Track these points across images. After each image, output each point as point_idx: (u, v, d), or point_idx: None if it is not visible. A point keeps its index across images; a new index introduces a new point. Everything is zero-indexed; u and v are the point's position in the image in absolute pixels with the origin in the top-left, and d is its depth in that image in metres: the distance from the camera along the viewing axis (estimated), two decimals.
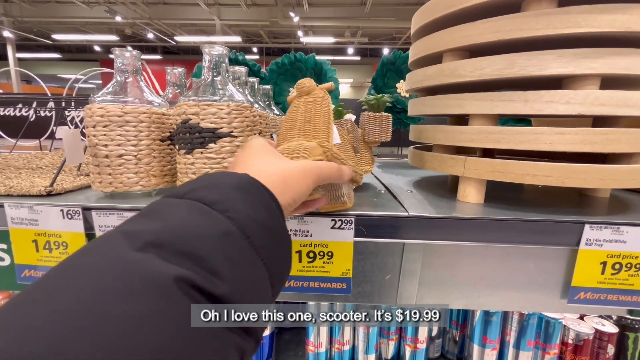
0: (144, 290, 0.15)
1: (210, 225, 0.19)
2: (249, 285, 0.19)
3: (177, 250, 0.17)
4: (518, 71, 0.40)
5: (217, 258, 0.18)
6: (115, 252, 0.17)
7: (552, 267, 0.43)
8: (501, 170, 0.43)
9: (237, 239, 0.19)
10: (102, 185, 0.45)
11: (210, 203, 0.20)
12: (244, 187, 0.22)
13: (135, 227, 0.18)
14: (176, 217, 0.19)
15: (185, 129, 0.42)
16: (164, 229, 0.18)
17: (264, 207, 0.22)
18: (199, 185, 0.22)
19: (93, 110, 0.43)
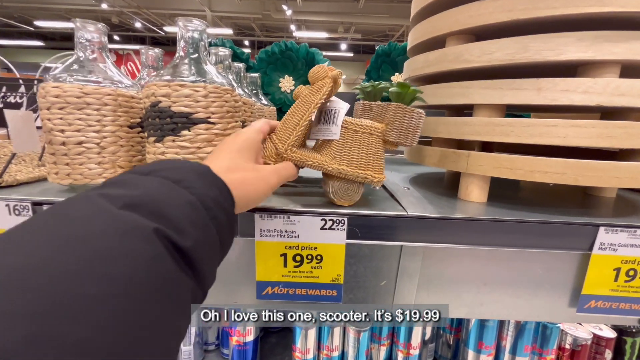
0: (131, 234, 0.19)
1: (177, 196, 0.23)
2: (205, 245, 0.24)
3: (153, 212, 0.21)
4: (532, 56, 0.36)
5: (183, 220, 0.22)
6: (99, 207, 0.20)
7: (560, 273, 0.39)
8: (509, 166, 0.39)
9: (198, 209, 0.24)
10: (59, 177, 0.39)
11: (175, 181, 0.24)
12: (202, 173, 0.27)
13: (113, 192, 0.21)
14: (148, 188, 0.23)
15: (154, 113, 0.37)
16: (140, 195, 0.22)
17: (218, 189, 0.27)
18: (161, 167, 0.25)
19: (47, 89, 0.38)
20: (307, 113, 0.36)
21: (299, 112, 0.37)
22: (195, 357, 0.73)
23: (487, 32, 0.41)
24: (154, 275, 0.19)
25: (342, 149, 0.37)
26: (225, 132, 0.38)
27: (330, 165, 0.37)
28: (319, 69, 0.37)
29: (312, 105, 0.36)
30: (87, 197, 0.21)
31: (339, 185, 0.38)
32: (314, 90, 0.37)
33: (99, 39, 0.42)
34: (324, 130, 0.38)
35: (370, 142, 0.37)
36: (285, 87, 1.05)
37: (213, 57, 0.54)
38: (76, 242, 0.17)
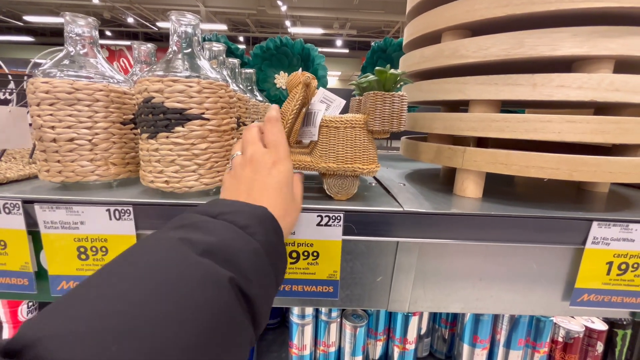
0: (211, 282, 0.21)
1: (245, 243, 0.25)
2: (266, 291, 0.26)
3: (227, 260, 0.23)
4: (527, 51, 0.36)
5: (251, 269, 0.24)
6: (179, 253, 0.22)
7: (554, 267, 0.40)
8: (504, 162, 0.39)
9: (262, 256, 0.26)
10: (50, 175, 0.39)
11: (242, 227, 0.26)
12: (262, 218, 0.28)
13: (191, 236, 0.23)
14: (221, 234, 0.24)
15: (147, 109, 0.36)
16: (217, 242, 0.23)
17: (275, 234, 0.28)
18: (228, 210, 0.27)
19: (36, 85, 0.37)
20: (286, 122, 0.38)
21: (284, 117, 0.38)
22: None
23: (483, 28, 0.41)
24: (227, 321, 0.21)
25: (327, 147, 0.38)
26: (219, 128, 0.38)
27: (317, 164, 0.38)
28: (293, 76, 0.38)
29: (288, 113, 0.38)
30: (168, 240, 0.23)
31: (333, 182, 0.39)
32: (290, 98, 0.38)
33: (90, 33, 0.41)
34: (306, 132, 0.39)
35: (354, 136, 0.38)
36: (281, 83, 1.04)
37: (207, 52, 0.53)
38: (165, 289, 0.19)
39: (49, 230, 0.36)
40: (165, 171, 0.36)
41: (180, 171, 0.36)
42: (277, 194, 0.31)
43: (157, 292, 0.19)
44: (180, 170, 0.36)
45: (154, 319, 0.17)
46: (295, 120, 0.41)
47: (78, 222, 0.36)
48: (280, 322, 0.82)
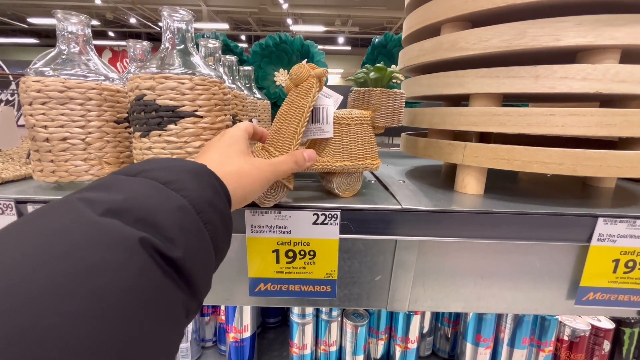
0: (112, 245, 0.17)
1: (166, 200, 0.21)
2: (197, 253, 0.22)
3: (138, 218, 0.19)
4: (529, 42, 0.35)
5: (172, 227, 0.20)
6: (78, 214, 0.18)
7: (558, 265, 0.39)
8: (506, 157, 0.38)
9: (189, 213, 0.22)
10: (44, 174, 0.38)
11: (165, 182, 0.22)
12: (196, 172, 0.25)
13: (95, 196, 0.20)
14: (134, 191, 0.21)
15: (139, 107, 0.35)
16: (124, 200, 0.20)
17: (212, 189, 0.25)
18: (152, 166, 0.24)
19: (28, 84, 0.36)
20: (302, 119, 0.34)
21: (293, 120, 0.35)
22: (192, 354, 0.73)
23: (484, 19, 0.39)
24: (141, 290, 0.17)
25: (340, 145, 0.38)
26: (213, 125, 0.37)
27: (333, 164, 0.38)
28: (301, 69, 0.34)
29: (304, 110, 0.34)
30: (67, 202, 0.19)
31: (342, 180, 0.39)
32: (302, 93, 0.35)
33: (83, 31, 0.40)
34: (316, 129, 0.38)
35: (363, 132, 0.39)
36: (280, 81, 1.03)
37: (203, 49, 0.52)
38: (54, 257, 0.16)
39: None
40: None
41: None
42: (219, 150, 0.29)
43: (43, 262, 0.15)
44: None
45: (36, 291, 0.14)
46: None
47: None
48: (281, 320, 0.82)
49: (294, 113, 0.35)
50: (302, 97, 0.35)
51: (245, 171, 0.29)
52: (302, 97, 0.35)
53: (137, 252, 0.18)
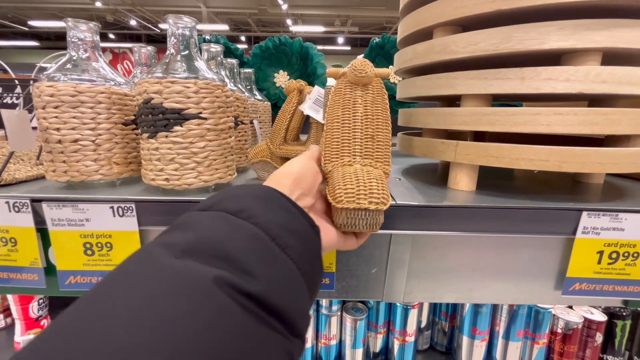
0: (189, 291, 0.16)
1: (237, 230, 0.20)
2: (282, 282, 0.20)
3: (211, 254, 0.19)
4: (515, 45, 0.37)
5: (248, 258, 0.19)
6: (156, 263, 0.18)
7: (546, 257, 0.41)
8: (495, 154, 0.40)
9: (263, 241, 0.21)
10: (56, 175, 0.40)
11: (234, 212, 0.22)
12: (262, 196, 0.24)
13: (171, 239, 0.20)
14: (206, 227, 0.20)
15: (147, 110, 0.37)
16: (197, 237, 0.20)
17: (283, 210, 0.23)
18: (222, 197, 0.24)
19: (41, 89, 0.38)
20: (284, 120, 0.46)
21: (280, 120, 0.47)
22: None
23: (473, 23, 0.41)
24: (221, 335, 0.16)
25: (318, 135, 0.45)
26: (217, 127, 0.39)
27: None
28: (290, 83, 0.47)
29: (286, 113, 0.46)
30: (149, 251, 0.19)
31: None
32: (287, 101, 0.47)
33: (92, 38, 0.42)
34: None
35: None
36: (280, 82, 1.05)
37: (205, 53, 0.54)
38: (136, 313, 0.15)
39: (56, 228, 0.38)
40: (165, 169, 0.38)
41: (180, 169, 0.38)
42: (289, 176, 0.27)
43: (127, 318, 0.15)
44: (179, 168, 0.38)
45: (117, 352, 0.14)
46: (291, 119, 0.46)
47: (84, 219, 0.38)
48: None
49: (281, 115, 0.47)
50: (287, 103, 0.47)
51: (294, 168, 0.29)
52: (287, 104, 0.47)
53: (212, 293, 0.17)
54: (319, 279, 0.24)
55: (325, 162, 0.31)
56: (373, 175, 0.29)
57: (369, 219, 0.28)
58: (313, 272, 0.23)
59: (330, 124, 0.32)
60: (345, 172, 0.29)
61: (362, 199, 0.27)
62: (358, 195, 0.27)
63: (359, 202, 0.27)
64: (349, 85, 0.32)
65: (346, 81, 0.32)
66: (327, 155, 0.31)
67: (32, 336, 0.72)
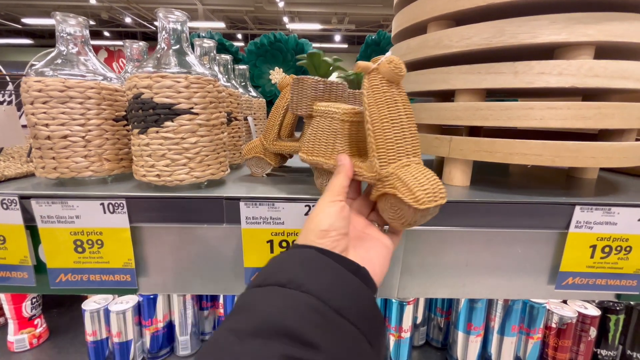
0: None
1: (291, 302, 0.21)
2: (344, 348, 0.20)
3: (273, 332, 0.19)
4: (507, 39, 0.36)
5: (307, 330, 0.19)
6: (226, 349, 0.19)
7: (539, 252, 0.41)
8: (488, 149, 0.40)
9: (318, 308, 0.21)
10: (46, 171, 0.40)
11: (284, 283, 0.22)
12: (306, 260, 0.24)
13: (235, 324, 0.21)
14: (263, 305, 0.21)
15: (137, 105, 0.37)
16: (257, 317, 0.20)
17: (327, 269, 0.24)
18: (273, 269, 0.24)
19: (29, 84, 0.38)
20: (278, 116, 0.46)
21: (273, 116, 0.46)
22: (192, 347, 0.75)
23: (466, 17, 0.41)
24: None
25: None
26: (208, 122, 0.39)
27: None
28: (284, 78, 0.46)
29: (280, 109, 0.46)
30: (219, 338, 0.20)
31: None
32: (280, 97, 0.46)
33: (81, 33, 0.42)
34: None
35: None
36: (276, 79, 1.05)
37: (198, 49, 0.54)
38: None
39: (46, 225, 0.37)
40: (156, 165, 0.37)
41: (171, 165, 0.37)
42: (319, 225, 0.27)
43: None
44: (170, 164, 0.37)
45: None
46: (285, 115, 0.45)
47: (74, 216, 0.37)
48: None
49: (274, 111, 0.47)
50: (280, 99, 0.46)
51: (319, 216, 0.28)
52: (280, 100, 0.46)
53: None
54: (380, 327, 0.24)
55: (383, 165, 0.31)
56: (428, 172, 0.30)
57: (433, 212, 0.30)
58: (372, 325, 0.23)
59: (380, 124, 0.30)
60: (413, 173, 0.29)
61: (438, 197, 0.29)
62: (434, 193, 0.28)
63: (436, 200, 0.28)
64: (384, 82, 0.31)
65: (380, 77, 0.31)
66: (384, 157, 0.31)
67: (25, 335, 0.71)
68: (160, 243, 0.40)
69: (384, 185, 0.31)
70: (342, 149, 0.35)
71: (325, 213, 0.28)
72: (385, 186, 0.31)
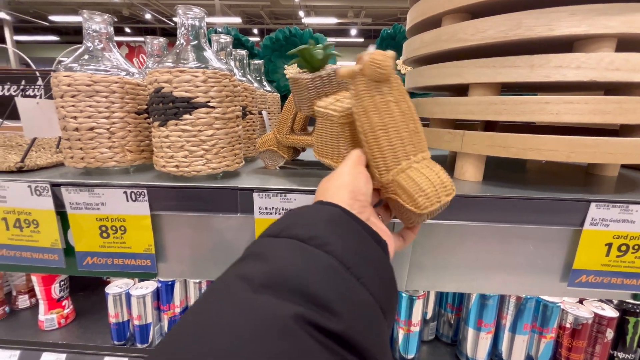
0: (271, 331, 0.16)
1: (313, 261, 0.20)
2: (362, 318, 0.19)
3: (289, 289, 0.18)
4: (524, 32, 0.36)
5: (326, 293, 0.18)
6: (237, 296, 0.18)
7: (552, 248, 0.40)
8: (501, 144, 0.39)
9: (339, 272, 0.20)
10: (74, 161, 0.42)
11: (306, 239, 0.21)
12: (331, 219, 0.23)
13: (247, 270, 0.20)
14: (280, 258, 0.20)
15: (158, 99, 0.39)
16: (273, 270, 0.19)
17: (354, 234, 0.23)
18: (292, 221, 0.23)
19: (59, 79, 0.40)
20: (291, 111, 0.47)
21: (287, 109, 0.47)
22: None
23: (482, 10, 0.40)
24: None
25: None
26: (224, 115, 0.40)
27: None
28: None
29: (293, 103, 0.46)
30: (228, 282, 0.20)
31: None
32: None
33: (106, 30, 0.44)
34: None
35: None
36: (290, 74, 1.05)
37: (215, 44, 0.55)
38: (221, 356, 0.15)
39: (75, 211, 0.40)
40: (175, 156, 0.39)
41: (189, 156, 0.39)
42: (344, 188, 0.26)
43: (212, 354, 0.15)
44: (188, 155, 0.39)
45: None
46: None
47: (99, 203, 0.40)
48: None
49: (288, 105, 0.47)
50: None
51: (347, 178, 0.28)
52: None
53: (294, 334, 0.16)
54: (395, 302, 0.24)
55: (382, 173, 0.30)
56: (434, 167, 0.29)
57: (444, 206, 0.29)
58: (389, 297, 0.22)
59: (372, 134, 0.29)
60: (414, 176, 0.29)
61: (442, 196, 0.28)
62: (438, 194, 0.28)
63: (439, 200, 0.28)
64: (372, 85, 0.29)
65: (366, 80, 0.29)
66: (382, 166, 0.30)
67: (54, 315, 0.76)
68: (178, 231, 0.42)
69: (387, 191, 0.31)
70: (346, 151, 0.34)
71: (353, 175, 0.27)
72: (388, 192, 0.31)
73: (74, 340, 0.73)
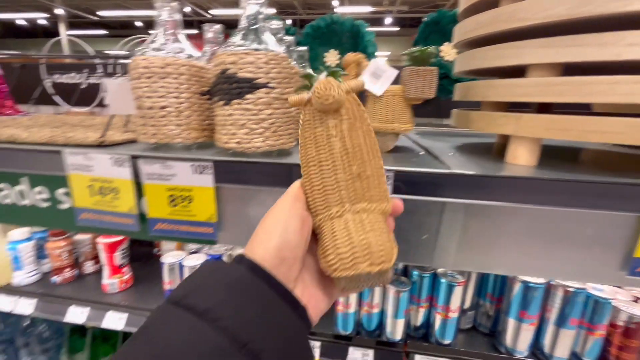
0: None
1: (200, 342, 0.18)
2: None
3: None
4: (594, 9, 0.34)
5: None
6: None
7: (611, 235, 0.39)
8: (562, 127, 0.38)
9: (227, 353, 0.18)
10: (147, 137, 0.47)
11: (201, 312, 0.19)
12: (238, 285, 0.21)
13: (134, 354, 0.18)
14: (166, 338, 0.18)
15: (223, 80, 0.42)
16: (155, 355, 0.18)
17: (260, 300, 0.21)
18: (196, 284, 0.21)
19: (137, 62, 0.45)
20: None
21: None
22: None
23: None
24: None
25: (372, 112, 0.49)
26: (282, 96, 0.43)
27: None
28: (348, 56, 0.51)
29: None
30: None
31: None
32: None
33: (174, 18, 0.48)
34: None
35: (394, 102, 0.48)
36: (331, 61, 1.06)
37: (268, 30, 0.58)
38: None
39: (149, 181, 0.45)
40: (237, 133, 0.43)
41: (250, 133, 0.42)
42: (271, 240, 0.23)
43: None
44: (249, 132, 0.42)
45: None
46: None
47: (170, 174, 0.44)
48: None
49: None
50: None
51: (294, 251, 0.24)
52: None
53: None
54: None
55: (312, 214, 0.26)
56: (368, 226, 0.24)
57: (374, 279, 0.24)
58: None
59: (306, 168, 0.26)
60: (335, 230, 0.24)
61: (359, 263, 0.23)
62: (354, 259, 0.23)
63: (356, 268, 0.23)
64: (317, 116, 0.25)
65: (312, 110, 0.25)
66: (312, 207, 0.26)
67: (116, 280, 0.85)
68: (236, 203, 0.46)
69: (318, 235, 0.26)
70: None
71: (286, 219, 0.24)
72: (317, 237, 0.26)
73: (133, 303, 0.81)
